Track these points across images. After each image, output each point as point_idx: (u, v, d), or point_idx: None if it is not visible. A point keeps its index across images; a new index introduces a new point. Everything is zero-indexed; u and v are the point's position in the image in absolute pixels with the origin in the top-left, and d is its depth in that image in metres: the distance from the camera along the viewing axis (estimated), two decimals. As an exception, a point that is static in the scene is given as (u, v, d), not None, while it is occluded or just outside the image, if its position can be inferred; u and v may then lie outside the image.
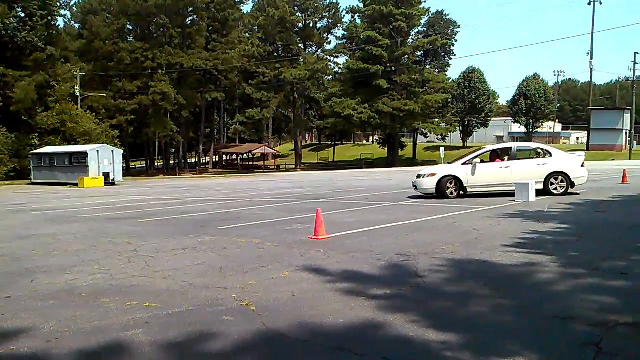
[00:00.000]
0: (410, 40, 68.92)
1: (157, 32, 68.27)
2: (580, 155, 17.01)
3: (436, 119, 74.27)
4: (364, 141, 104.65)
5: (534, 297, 5.65)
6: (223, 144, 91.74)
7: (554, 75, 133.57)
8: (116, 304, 5.78)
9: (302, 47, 73.15)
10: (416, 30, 72.42)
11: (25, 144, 46.29)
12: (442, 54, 79.07)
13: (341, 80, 72.10)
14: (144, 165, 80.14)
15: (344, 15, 74.50)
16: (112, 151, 39.53)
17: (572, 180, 16.12)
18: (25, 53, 47.46)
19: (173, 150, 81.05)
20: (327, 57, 73.10)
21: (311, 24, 72.75)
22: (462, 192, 16.66)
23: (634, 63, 64.09)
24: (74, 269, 7.77)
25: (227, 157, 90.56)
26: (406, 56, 66.81)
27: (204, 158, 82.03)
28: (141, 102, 62.36)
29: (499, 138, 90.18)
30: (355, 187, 24.89)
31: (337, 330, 4.76)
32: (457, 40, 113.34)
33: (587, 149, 61.97)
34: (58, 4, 52.21)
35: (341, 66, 72.64)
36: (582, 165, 16.43)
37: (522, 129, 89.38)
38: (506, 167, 16.42)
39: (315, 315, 5.19)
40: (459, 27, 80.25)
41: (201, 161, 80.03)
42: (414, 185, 17.45)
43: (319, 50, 75.15)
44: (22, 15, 47.53)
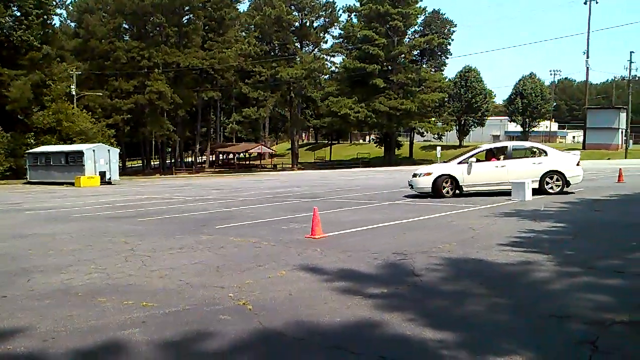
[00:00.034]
0: (407, 40, 68.93)
1: (154, 31, 68.17)
2: (575, 154, 17.04)
3: (433, 119, 74.30)
4: (361, 140, 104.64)
5: (531, 296, 5.67)
6: (220, 143, 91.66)
7: (551, 74, 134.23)
8: (113, 304, 5.78)
9: (299, 46, 73.04)
10: (413, 29, 72.43)
11: (22, 144, 46.14)
12: (439, 53, 79.16)
13: (338, 80, 72.08)
14: (141, 164, 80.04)
15: (340, 15, 74.48)
16: (109, 151, 39.46)
17: (567, 179, 16.15)
18: (21, 52, 47.31)
19: (170, 149, 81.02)
20: (324, 56, 73.05)
21: (308, 23, 72.63)
22: (458, 192, 16.68)
23: (630, 62, 64.41)
24: (70, 268, 7.76)
25: (224, 157, 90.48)
26: (403, 55, 66.81)
27: (200, 157, 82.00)
28: (137, 102, 62.25)
29: (495, 137, 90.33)
30: (351, 187, 24.90)
31: (334, 330, 4.76)
32: (454, 40, 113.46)
33: (584, 148, 62.11)
34: (54, 3, 52.04)
35: (338, 65, 72.68)
36: (577, 165, 16.47)
37: (519, 128, 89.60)
38: (502, 166, 16.45)
39: (312, 314, 5.19)
40: (455, 26, 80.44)
41: (198, 161, 80.00)
42: (410, 185, 17.46)
43: (316, 49, 75.08)
44: (18, 14, 47.37)
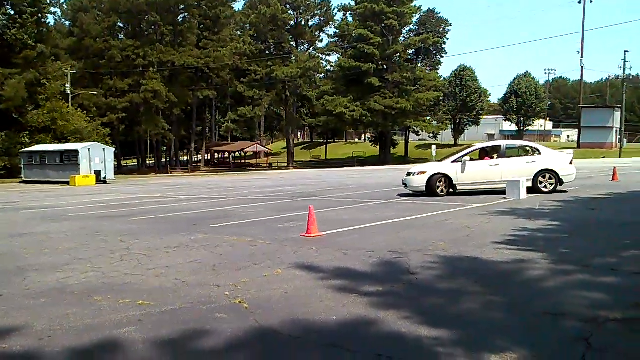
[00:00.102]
0: (402, 39, 69.06)
1: (149, 30, 68.04)
2: (568, 153, 17.11)
3: (428, 117, 74.47)
4: (356, 139, 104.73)
5: (525, 294, 5.69)
6: (215, 142, 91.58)
7: (545, 73, 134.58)
8: (109, 302, 5.77)
9: (294, 45, 73.10)
10: (408, 28, 72.70)
11: (16, 143, 46.02)
12: (434, 52, 79.35)
13: (333, 79, 72.15)
14: (136, 163, 79.88)
15: (336, 14, 74.67)
16: (104, 149, 39.39)
17: (561, 178, 16.22)
18: (16, 51, 47.14)
19: (165, 148, 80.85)
20: (319, 55, 73.13)
21: (303, 22, 72.70)
22: (452, 190, 16.71)
23: (624, 61, 64.59)
24: (66, 267, 7.75)
25: (219, 156, 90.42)
26: (398, 54, 66.92)
27: (196, 156, 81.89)
28: (133, 100, 62.15)
29: (490, 136, 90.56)
30: (347, 185, 24.93)
31: (330, 328, 4.78)
32: (449, 39, 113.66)
33: (578, 147, 62.34)
34: (48, 1, 51.94)
35: (333, 64, 72.81)
36: (570, 163, 16.54)
37: (514, 127, 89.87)
38: (496, 165, 16.49)
39: (308, 312, 5.21)
40: (450, 25, 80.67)
41: (193, 159, 79.84)
42: (404, 184, 17.48)
43: (311, 48, 75.19)
44: (12, 12, 47.20)
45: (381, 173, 38.52)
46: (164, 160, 78.22)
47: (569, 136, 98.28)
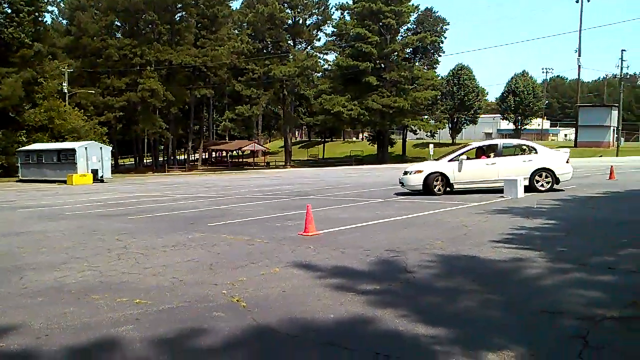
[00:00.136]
0: (400, 38, 69.06)
1: (146, 28, 67.87)
2: (565, 152, 17.15)
3: (425, 116, 74.53)
4: (354, 138, 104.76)
5: (523, 292, 5.70)
6: (212, 141, 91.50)
7: (543, 72, 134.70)
8: (106, 301, 5.77)
9: (292, 44, 73.06)
10: (405, 27, 72.65)
11: (13, 141, 45.93)
12: (432, 51, 79.31)
13: (331, 78, 72.09)
14: (133, 162, 79.76)
15: (333, 12, 74.56)
16: (101, 148, 39.35)
17: (557, 176, 16.26)
18: (13, 49, 47.03)
19: (162, 147, 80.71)
20: (317, 54, 73.14)
21: (301, 21, 72.63)
22: (448, 189, 16.74)
23: (622, 60, 64.66)
24: (63, 266, 7.73)
25: (217, 154, 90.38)
26: (396, 53, 66.92)
27: (193, 155, 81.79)
28: (130, 99, 62.01)
29: (488, 135, 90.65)
30: (345, 184, 24.94)
31: (327, 326, 4.78)
32: (447, 38, 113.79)
33: (575, 145, 62.49)
34: (45, 0, 51.76)
35: (331, 63, 72.80)
36: (567, 162, 16.59)
37: (511, 126, 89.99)
38: (492, 164, 16.52)
39: (306, 311, 5.21)
40: (448, 24, 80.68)
41: (190, 158, 79.76)
42: (401, 182, 17.49)
43: (309, 47, 75.11)
44: (9, 11, 47.07)
45: (379, 172, 38.54)
46: (161, 159, 78.02)
47: (566, 135, 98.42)
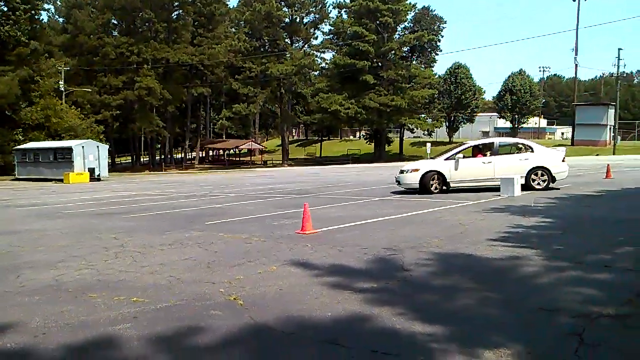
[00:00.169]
0: (397, 36, 69.04)
1: (143, 26, 67.71)
2: (561, 150, 17.19)
3: (423, 115, 74.49)
4: (351, 137, 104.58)
5: (519, 290, 5.72)
6: (209, 139, 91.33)
7: (540, 71, 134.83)
8: (103, 299, 5.77)
9: (289, 42, 72.96)
10: (403, 26, 72.59)
11: (10, 140, 45.83)
12: (429, 49, 79.28)
13: (328, 76, 72.03)
14: (130, 161, 79.62)
15: (330, 11, 74.57)
16: (98, 147, 39.28)
17: (553, 175, 16.31)
18: (9, 48, 46.91)
19: (159, 145, 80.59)
20: (314, 52, 73.00)
21: (298, 19, 72.52)
22: (445, 188, 16.75)
23: (618, 59, 64.73)
24: (60, 264, 7.73)
25: (214, 153, 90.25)
26: (393, 52, 66.89)
27: (190, 154, 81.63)
28: (127, 98, 61.87)
29: (485, 134, 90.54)
30: (342, 183, 24.95)
31: (325, 324, 4.78)
32: (444, 36, 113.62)
33: (572, 144, 62.58)
34: (42, -2, 51.68)
35: (328, 62, 72.63)
36: (563, 161, 16.65)
37: (508, 124, 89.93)
38: (489, 162, 16.54)
39: (303, 309, 5.21)
40: (445, 23, 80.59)
41: (187, 157, 79.64)
42: (397, 181, 17.49)
43: (306, 45, 74.98)
44: (5, 9, 46.94)
45: (376, 170, 38.57)
46: (158, 157, 77.90)
47: (563, 133, 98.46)
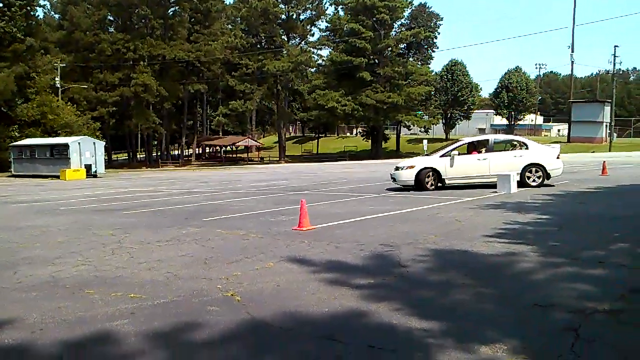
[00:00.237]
0: (394, 33, 68.98)
1: (139, 23, 67.53)
2: (555, 147, 17.24)
3: (419, 112, 74.53)
4: (348, 134, 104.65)
5: (515, 286, 5.75)
6: (206, 136, 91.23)
7: (536, 68, 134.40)
8: (101, 296, 5.78)
9: (286, 39, 72.79)
10: (399, 22, 72.52)
11: (5, 136, 45.69)
12: (425, 46, 79.24)
13: (325, 73, 71.98)
14: (127, 157, 79.49)
15: (327, 7, 74.28)
16: (94, 143, 39.22)
17: (548, 172, 16.37)
18: (4, 44, 46.69)
19: (156, 142, 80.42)
20: (311, 49, 72.80)
21: (294, 16, 72.36)
22: (440, 185, 16.79)
23: (614, 56, 64.82)
24: (57, 261, 7.73)
25: (211, 150, 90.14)
26: (390, 49, 66.86)
27: (187, 150, 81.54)
28: (123, 94, 61.74)
29: (481, 130, 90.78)
30: (338, 180, 24.96)
31: (322, 320, 4.81)
32: (440, 33, 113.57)
33: (568, 141, 62.72)
34: (38, -6, 51.46)
35: (325, 58, 72.53)
36: (557, 158, 16.69)
37: (505, 121, 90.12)
38: (484, 159, 16.59)
39: (300, 305, 5.24)
40: (442, 19, 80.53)
41: (184, 154, 79.54)
42: (393, 178, 17.50)
43: (303, 42, 74.81)
44: (1, 5, 46.65)
45: (373, 167, 38.59)
46: (154, 154, 77.75)
47: (559, 130, 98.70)
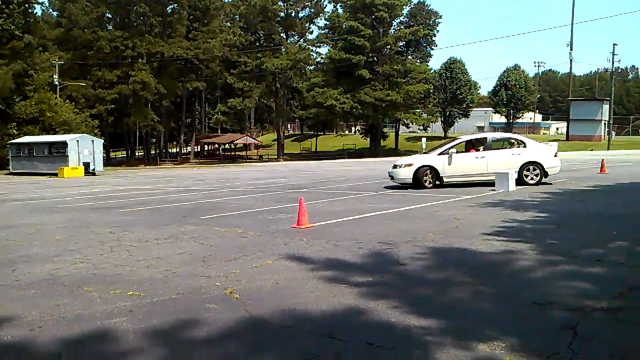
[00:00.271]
0: (393, 31, 68.97)
1: (137, 20, 67.43)
2: (553, 145, 17.26)
3: (418, 110, 74.56)
4: (347, 132, 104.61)
5: (513, 284, 5.76)
6: (205, 134, 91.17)
7: (535, 66, 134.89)
8: (99, 293, 5.77)
9: (284, 36, 72.74)
10: (398, 20, 72.56)
11: (4, 134, 45.62)
12: (424, 44, 79.22)
13: (324, 71, 71.93)
14: (125, 155, 79.40)
15: (326, 5, 74.22)
16: (93, 141, 39.16)
17: (546, 170, 16.40)
18: (3, 42, 46.60)
19: (154, 140, 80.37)
20: (310, 47, 72.77)
21: (293, 14, 72.30)
22: (438, 183, 16.80)
23: (613, 55, 64.83)
24: (56, 258, 7.73)
25: (209, 148, 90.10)
26: (388, 47, 66.83)
27: (185, 148, 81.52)
28: (121, 92, 61.64)
29: (480, 128, 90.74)
30: (337, 177, 24.96)
31: (320, 317, 4.81)
32: (439, 31, 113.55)
33: (567, 139, 62.78)
34: (36, -9, 51.32)
35: (323, 56, 72.49)
36: (555, 156, 16.71)
37: (503, 119, 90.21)
38: (482, 157, 16.60)
39: (299, 302, 5.24)
40: (440, 17, 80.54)
41: (182, 151, 79.48)
42: (391, 176, 17.50)
43: (301, 40, 74.77)
44: (-1, 2, 46.67)
45: (371, 165, 38.59)
46: (153, 152, 77.69)
47: (558, 129, 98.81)
